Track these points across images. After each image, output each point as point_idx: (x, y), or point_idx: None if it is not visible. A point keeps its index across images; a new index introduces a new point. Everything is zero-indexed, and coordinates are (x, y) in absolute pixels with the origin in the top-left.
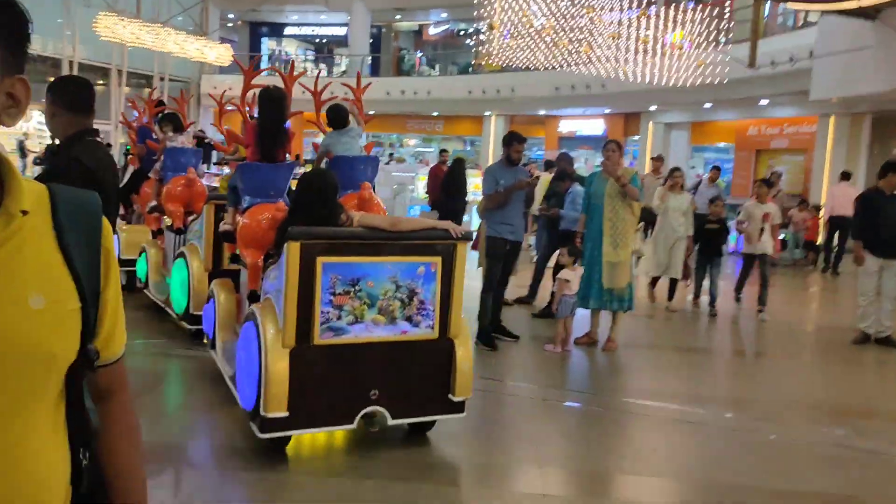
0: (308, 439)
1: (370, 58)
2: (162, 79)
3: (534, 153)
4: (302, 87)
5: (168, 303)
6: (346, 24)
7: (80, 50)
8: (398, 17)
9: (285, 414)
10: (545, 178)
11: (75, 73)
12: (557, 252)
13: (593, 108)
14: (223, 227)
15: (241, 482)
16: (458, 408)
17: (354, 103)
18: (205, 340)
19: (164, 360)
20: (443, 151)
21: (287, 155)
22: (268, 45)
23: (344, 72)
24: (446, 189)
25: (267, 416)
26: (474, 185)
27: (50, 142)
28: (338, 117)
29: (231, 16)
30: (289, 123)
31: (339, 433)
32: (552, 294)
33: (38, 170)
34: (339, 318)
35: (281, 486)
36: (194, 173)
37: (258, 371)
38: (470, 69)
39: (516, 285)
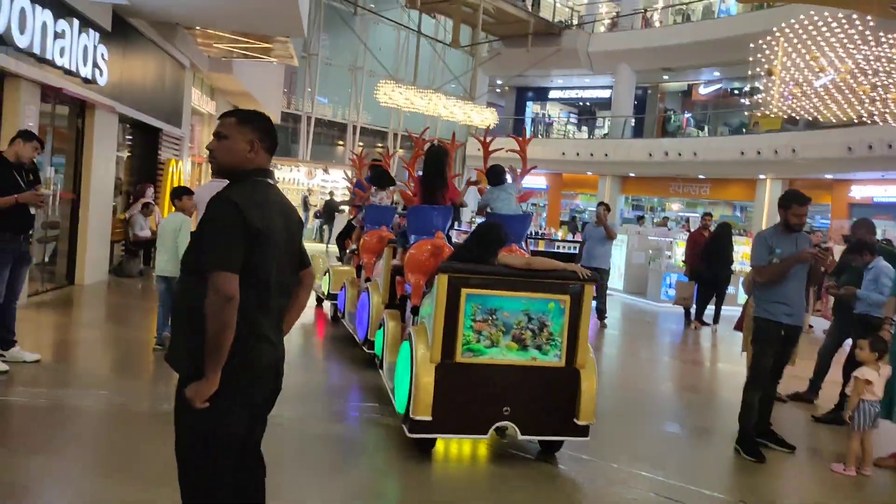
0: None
1: (633, 119)
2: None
3: (817, 222)
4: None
5: (355, 331)
6: (609, 87)
7: (363, 115)
8: (665, 77)
9: (429, 418)
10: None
11: (357, 136)
12: (851, 342)
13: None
14: (394, 263)
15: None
16: (583, 432)
17: (519, 152)
18: (364, 347)
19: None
20: (706, 215)
21: (447, 200)
22: (532, 108)
23: (606, 134)
24: (707, 257)
25: (414, 418)
26: (742, 254)
27: (328, 198)
28: (495, 175)
29: (499, 82)
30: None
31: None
32: (842, 395)
33: (317, 223)
34: (478, 341)
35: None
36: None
37: (410, 381)
38: (743, 129)
39: (793, 376)
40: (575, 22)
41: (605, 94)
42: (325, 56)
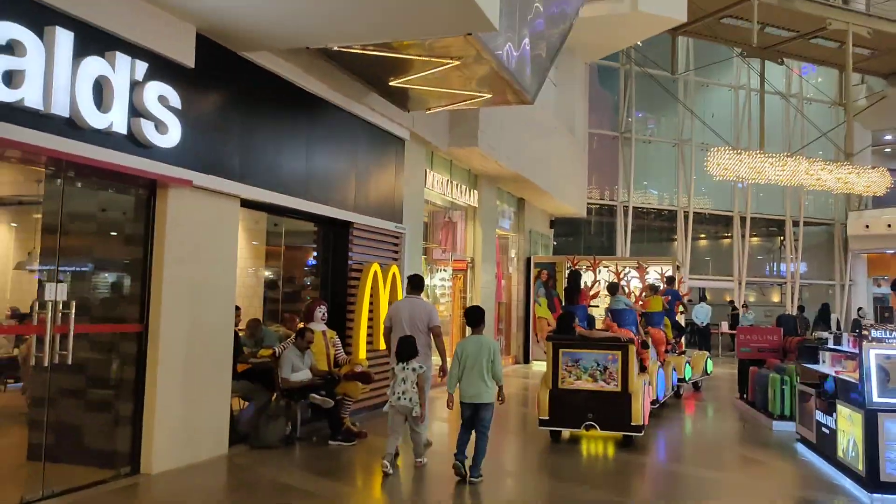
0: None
1: None
2: (796, 224)
3: None
4: None
5: None
6: None
7: (697, 200)
8: None
9: (547, 418)
10: None
11: (690, 225)
12: None
13: None
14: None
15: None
16: (637, 429)
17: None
18: None
19: None
20: None
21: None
22: None
23: None
24: None
25: (540, 417)
26: None
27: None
28: (611, 287)
29: (888, 138)
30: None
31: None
32: None
33: None
34: (569, 376)
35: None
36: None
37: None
38: None
39: None
40: None
41: None
42: (645, 133)
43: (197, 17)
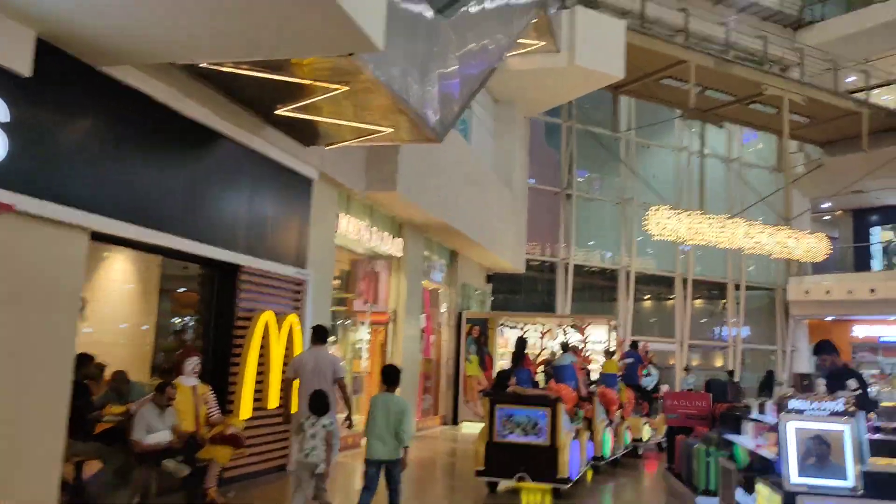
0: None
1: None
2: (738, 287)
3: None
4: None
5: None
6: None
7: (640, 260)
8: None
9: (484, 468)
10: None
11: (632, 285)
12: None
13: None
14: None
15: None
16: (564, 481)
17: None
18: None
19: None
20: None
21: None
22: (881, 235)
23: None
24: None
25: (476, 469)
26: None
27: None
28: (563, 345)
29: (826, 205)
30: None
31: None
32: None
33: None
34: (504, 429)
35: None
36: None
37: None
38: None
39: None
40: None
41: None
42: (588, 190)
43: (35, 20)
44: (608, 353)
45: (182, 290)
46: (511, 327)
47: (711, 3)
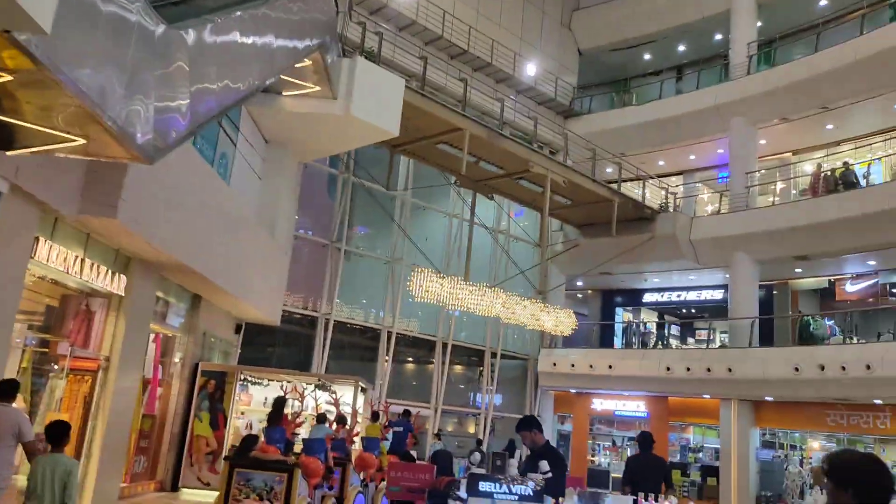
0: None
1: (758, 327)
2: (494, 355)
3: None
4: None
5: None
6: (722, 287)
7: (403, 321)
8: (798, 270)
9: None
10: None
11: (392, 345)
12: None
13: None
14: None
15: None
16: None
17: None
18: None
19: None
20: None
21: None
22: (622, 315)
23: (723, 345)
24: None
25: None
26: None
27: None
28: (318, 419)
29: (579, 283)
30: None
31: None
32: None
33: None
34: (240, 494)
35: None
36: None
37: None
38: None
39: None
40: (673, 203)
41: (717, 295)
42: (360, 245)
43: None
44: (374, 416)
45: None
46: (253, 383)
47: (494, 80)
